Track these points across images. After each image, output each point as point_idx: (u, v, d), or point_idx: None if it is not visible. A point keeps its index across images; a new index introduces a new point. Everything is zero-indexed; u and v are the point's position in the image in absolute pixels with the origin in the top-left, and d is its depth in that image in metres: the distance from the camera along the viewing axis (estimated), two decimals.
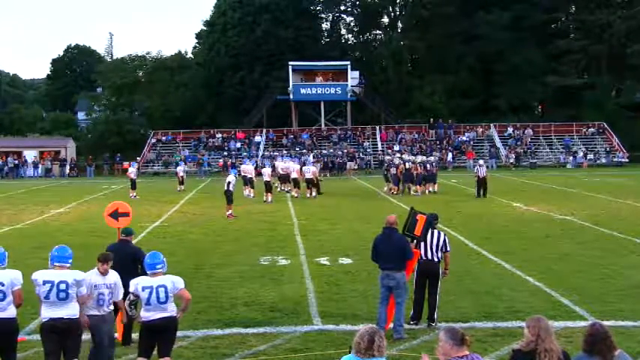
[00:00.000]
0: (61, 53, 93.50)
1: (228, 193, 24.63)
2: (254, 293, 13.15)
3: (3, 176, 54.33)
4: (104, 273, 8.76)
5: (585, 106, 61.32)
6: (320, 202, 30.35)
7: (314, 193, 31.92)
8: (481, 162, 32.80)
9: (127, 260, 10.24)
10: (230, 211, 24.27)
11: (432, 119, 59.94)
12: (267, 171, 30.88)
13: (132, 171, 34.57)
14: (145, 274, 10.41)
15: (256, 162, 40.05)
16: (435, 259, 11.03)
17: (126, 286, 9.99)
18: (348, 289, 13.32)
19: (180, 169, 38.25)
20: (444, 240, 11.15)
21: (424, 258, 10.99)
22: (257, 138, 59.29)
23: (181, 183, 37.13)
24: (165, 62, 73.09)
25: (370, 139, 58.69)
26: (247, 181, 32.79)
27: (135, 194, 32.97)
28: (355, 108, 62.56)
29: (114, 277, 8.85)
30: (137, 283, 8.47)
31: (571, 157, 54.57)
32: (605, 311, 11.38)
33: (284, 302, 12.45)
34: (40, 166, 56.66)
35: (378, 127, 60.05)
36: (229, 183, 24.79)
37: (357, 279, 14.20)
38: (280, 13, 66.96)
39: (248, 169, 34.07)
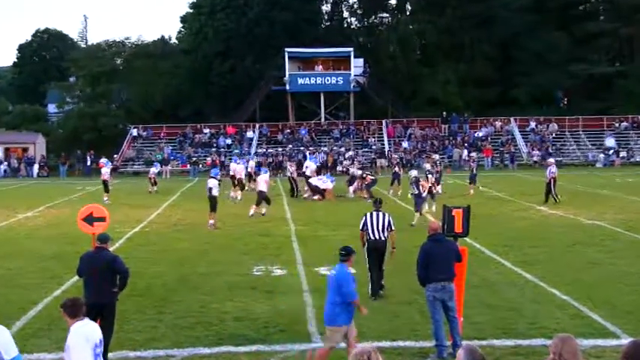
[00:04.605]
0: (29, 38, 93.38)
1: (212, 200, 23.98)
2: (245, 307, 13.13)
3: None
4: None
5: (617, 97, 61.29)
6: (320, 205, 30.33)
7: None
8: (551, 160, 31.94)
9: (104, 270, 10.21)
10: (212, 221, 23.78)
11: (444, 112, 59.96)
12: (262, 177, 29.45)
13: (106, 172, 34.30)
14: (123, 284, 10.43)
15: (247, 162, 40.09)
16: (382, 238, 13.82)
17: (102, 298, 9.97)
18: None
19: (152, 171, 38.42)
20: (389, 221, 13.95)
21: (372, 238, 13.76)
22: (249, 133, 59.26)
23: (154, 184, 37.48)
24: (146, 48, 73.02)
25: (376, 135, 58.66)
26: (236, 182, 33.36)
27: (107, 198, 32.65)
28: (359, 100, 62.52)
29: None
30: None
31: (601, 155, 54.55)
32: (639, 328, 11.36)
33: (279, 317, 12.44)
34: (5, 164, 56.64)
35: (384, 122, 60.02)
36: (210, 189, 24.02)
37: (361, 291, 14.11)
38: None
39: (238, 168, 34.25)
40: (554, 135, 57.94)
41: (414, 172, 24.69)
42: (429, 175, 27.29)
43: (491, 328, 11.61)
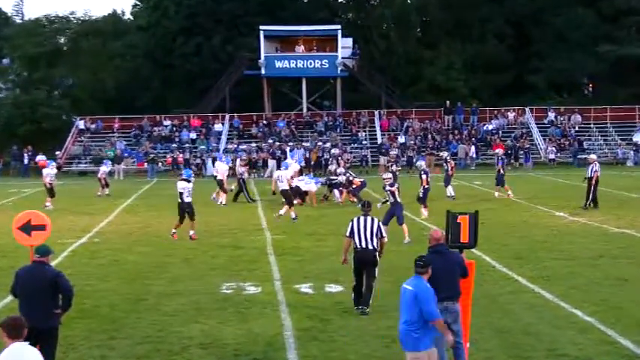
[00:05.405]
0: None
1: (183, 207, 23.47)
2: (213, 331, 13.11)
3: None
4: None
5: None
6: (301, 211, 30.31)
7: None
8: (593, 156, 31.96)
9: (44, 288, 10.13)
10: (191, 232, 23.49)
11: (448, 102, 60.07)
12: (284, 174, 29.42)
13: (48, 173, 33.94)
14: (67, 305, 10.37)
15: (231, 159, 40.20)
16: (370, 247, 14.10)
17: (41, 321, 9.90)
18: (337, 326, 13.32)
19: (103, 171, 38.41)
20: (378, 226, 14.30)
21: (359, 247, 14.09)
22: (217, 126, 59.15)
23: (105, 186, 37.63)
24: (95, 25, 72.65)
25: (367, 128, 58.74)
26: (218, 184, 33.56)
27: (50, 203, 32.35)
28: (347, 87, 62.58)
29: None
30: None
31: (632, 152, 54.83)
32: None
33: (252, 343, 12.42)
34: None
35: (377, 113, 60.12)
36: (181, 193, 23.47)
37: (349, 312, 14.21)
38: None
39: (220, 168, 34.29)
40: (577, 128, 58.19)
41: (387, 175, 23.87)
42: (424, 176, 27.22)
43: (503, 355, 11.63)
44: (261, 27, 59.79)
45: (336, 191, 32.99)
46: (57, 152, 53.34)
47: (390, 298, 14.45)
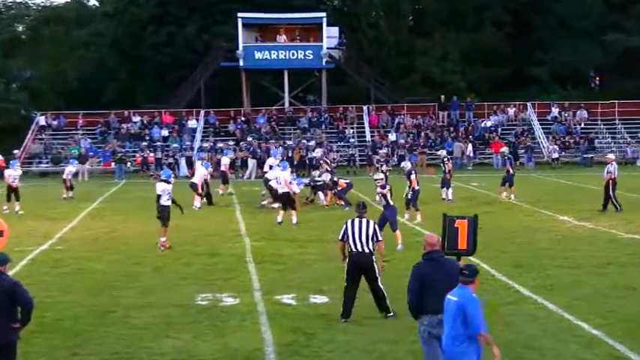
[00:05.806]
0: None
1: (158, 209, 23.21)
2: (187, 346, 13.09)
3: None
4: None
5: None
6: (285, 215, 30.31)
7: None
8: (611, 156, 32.07)
9: (1, 299, 10.11)
10: (163, 238, 23.20)
11: (442, 96, 60.11)
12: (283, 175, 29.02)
13: (11, 174, 33.57)
14: (26, 319, 10.34)
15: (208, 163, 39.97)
16: (367, 251, 14.25)
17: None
18: (322, 341, 13.31)
19: (69, 171, 38.24)
20: (374, 229, 14.41)
21: (354, 251, 14.25)
22: (191, 122, 58.97)
23: (69, 188, 37.52)
24: (57, 12, 72.43)
25: (355, 124, 58.73)
26: (190, 186, 33.41)
27: (7, 207, 31.93)
28: (333, 80, 62.54)
29: None
30: None
31: None
32: None
33: (230, 359, 12.40)
34: None
35: (365, 108, 60.09)
36: (159, 196, 23.18)
37: (335, 325, 14.20)
38: None
39: (197, 169, 34.30)
40: (583, 124, 58.32)
41: (379, 176, 23.68)
42: (413, 176, 27.26)
43: None
44: (239, 14, 59.57)
45: (320, 193, 32.98)
46: (15, 151, 53.00)
47: (376, 311, 14.47)
